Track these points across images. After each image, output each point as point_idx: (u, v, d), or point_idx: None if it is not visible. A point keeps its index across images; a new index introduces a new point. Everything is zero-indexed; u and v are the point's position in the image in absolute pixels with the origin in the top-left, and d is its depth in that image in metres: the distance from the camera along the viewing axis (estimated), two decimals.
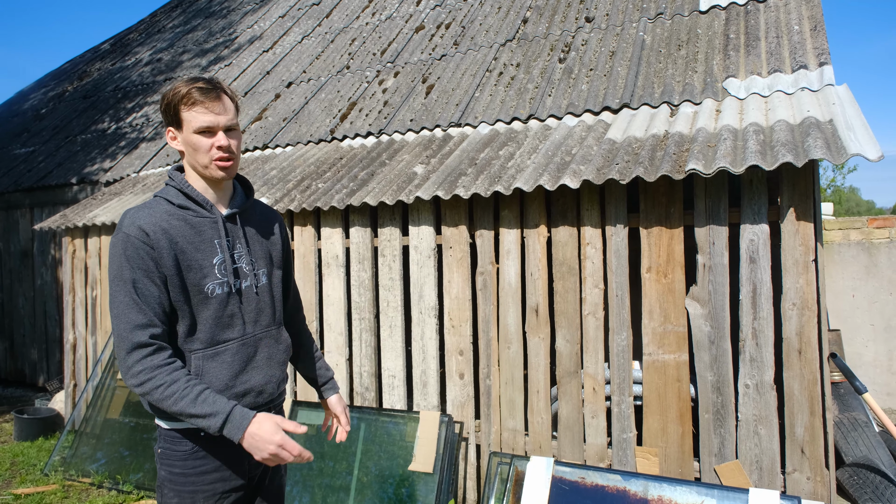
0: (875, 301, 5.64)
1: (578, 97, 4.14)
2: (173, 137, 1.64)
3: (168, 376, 1.49)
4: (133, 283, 1.51)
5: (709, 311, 2.97)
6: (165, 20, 11.02)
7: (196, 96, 1.56)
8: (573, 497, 2.91)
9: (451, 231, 3.58)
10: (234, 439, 1.48)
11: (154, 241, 1.53)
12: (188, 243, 1.59)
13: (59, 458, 4.41)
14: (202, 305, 1.60)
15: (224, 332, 1.63)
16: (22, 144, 8.35)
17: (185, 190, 1.64)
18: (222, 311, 1.62)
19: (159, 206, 1.60)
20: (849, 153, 2.58)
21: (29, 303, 6.98)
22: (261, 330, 1.71)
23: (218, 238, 1.65)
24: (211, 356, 1.61)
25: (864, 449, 3.53)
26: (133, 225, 1.54)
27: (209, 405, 1.48)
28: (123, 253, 1.52)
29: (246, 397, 1.65)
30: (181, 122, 1.59)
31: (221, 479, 1.63)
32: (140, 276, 1.51)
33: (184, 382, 1.49)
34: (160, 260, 1.53)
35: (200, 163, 1.61)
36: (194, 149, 1.60)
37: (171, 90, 1.60)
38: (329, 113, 5.41)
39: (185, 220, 1.61)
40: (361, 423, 3.63)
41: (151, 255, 1.52)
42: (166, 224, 1.57)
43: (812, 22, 3.95)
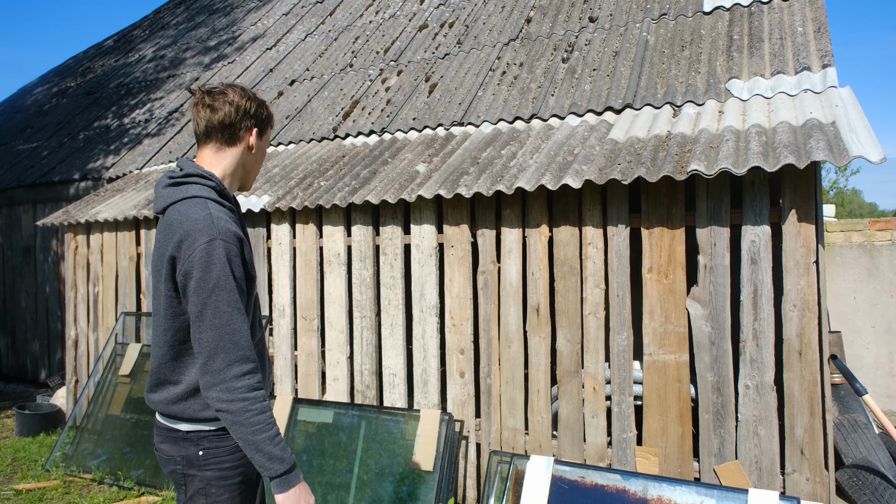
0: (876, 303, 5.63)
1: (581, 97, 4.14)
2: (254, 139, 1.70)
3: (261, 404, 1.49)
4: (240, 291, 1.51)
5: (709, 312, 2.97)
6: (169, 17, 11.03)
7: (273, 122, 1.77)
8: (573, 496, 2.92)
9: (452, 230, 3.59)
10: (279, 490, 1.49)
11: (245, 246, 1.57)
12: (247, 245, 1.64)
13: (60, 454, 4.42)
14: (253, 306, 1.67)
15: (258, 330, 1.71)
16: (25, 140, 8.37)
17: (225, 192, 1.66)
18: (256, 310, 1.71)
19: (221, 209, 1.58)
20: (851, 155, 2.58)
21: (31, 299, 7.00)
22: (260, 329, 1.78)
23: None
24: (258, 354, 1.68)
25: (864, 450, 3.54)
26: (228, 231, 1.52)
27: (282, 450, 1.50)
28: (226, 260, 1.49)
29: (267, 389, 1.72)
30: (266, 132, 1.73)
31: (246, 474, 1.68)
32: (239, 285, 1.52)
33: (269, 416, 1.50)
34: (249, 264, 1.59)
35: (257, 170, 1.75)
36: (261, 158, 1.74)
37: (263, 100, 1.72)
38: (332, 111, 5.42)
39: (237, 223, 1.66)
40: (362, 422, 3.64)
41: (244, 262, 1.56)
42: (236, 227, 1.58)
43: (816, 24, 3.95)
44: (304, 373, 4.08)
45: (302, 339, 4.09)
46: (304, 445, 3.69)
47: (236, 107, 1.63)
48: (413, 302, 3.72)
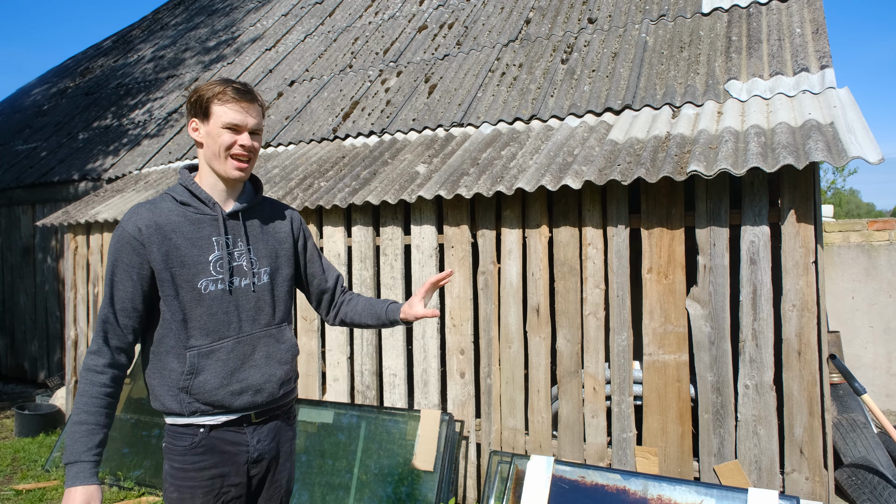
0: (874, 303, 5.65)
1: (581, 98, 4.15)
2: (195, 129, 1.66)
3: (84, 385, 1.57)
4: (112, 277, 1.59)
5: (709, 312, 2.98)
6: (168, 17, 11.03)
7: (231, 94, 1.61)
8: (573, 496, 2.93)
9: (452, 230, 3.60)
10: (65, 484, 1.54)
11: (145, 236, 1.58)
12: (184, 239, 1.61)
13: (59, 455, 4.42)
14: (195, 302, 1.61)
15: (219, 329, 1.64)
16: (24, 141, 8.37)
17: (189, 187, 1.67)
18: (216, 308, 1.63)
19: (163, 203, 1.65)
20: (849, 156, 2.60)
21: (30, 299, 6.99)
22: (259, 329, 1.70)
23: (217, 235, 1.66)
24: (206, 354, 1.62)
25: (863, 450, 3.55)
26: (129, 221, 1.60)
27: (72, 440, 1.54)
28: (115, 247, 1.60)
29: (243, 395, 1.65)
30: (210, 114, 1.62)
31: (220, 475, 1.64)
32: (121, 271, 1.59)
33: (84, 401, 1.56)
34: (149, 255, 1.59)
35: (218, 157, 1.63)
36: (216, 142, 1.62)
37: (206, 84, 1.65)
38: (331, 112, 5.43)
39: (185, 217, 1.64)
40: (362, 422, 3.65)
41: (139, 251, 1.58)
42: (163, 220, 1.61)
43: (814, 25, 3.97)
44: (305, 373, 4.08)
45: (302, 340, 4.10)
46: (304, 445, 3.70)
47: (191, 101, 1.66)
48: None
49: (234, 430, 1.66)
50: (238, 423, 1.66)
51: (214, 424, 1.63)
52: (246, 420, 1.67)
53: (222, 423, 1.64)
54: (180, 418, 1.62)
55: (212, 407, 1.62)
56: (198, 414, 1.62)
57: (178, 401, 1.61)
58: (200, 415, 1.62)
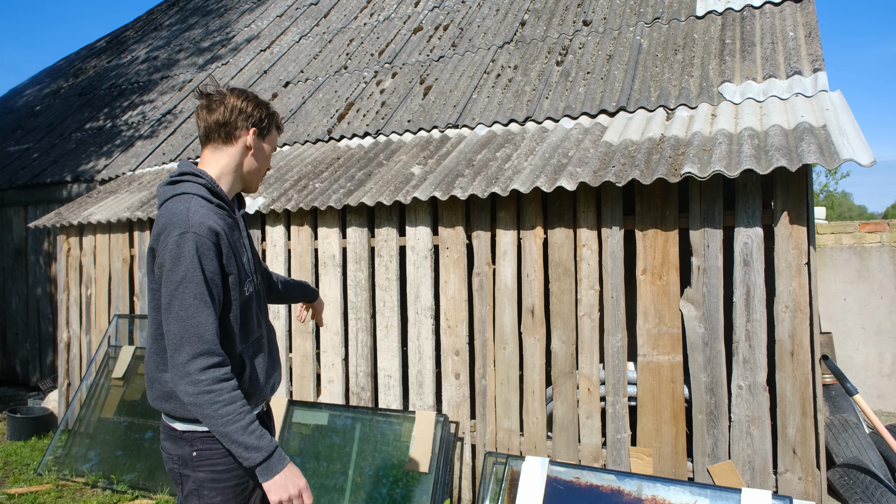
0: (866, 304, 5.69)
1: (575, 100, 4.16)
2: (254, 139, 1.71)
3: (228, 394, 1.49)
4: (207, 284, 1.51)
5: (703, 313, 3.00)
6: (162, 18, 10.99)
7: (281, 125, 1.81)
8: (568, 497, 2.93)
9: (447, 232, 3.60)
10: (263, 478, 1.50)
11: (222, 240, 1.57)
12: (232, 242, 1.64)
13: (52, 458, 4.39)
14: (245, 303, 1.66)
15: (256, 328, 1.71)
16: (16, 142, 8.32)
17: (215, 189, 1.67)
18: (254, 308, 1.71)
19: (206, 205, 1.60)
20: (842, 158, 2.62)
21: (22, 301, 6.94)
22: (267, 325, 1.82)
23: (243, 238, 1.72)
24: (253, 352, 1.69)
25: (855, 450, 3.57)
26: (203, 225, 1.53)
27: (258, 438, 1.50)
28: (196, 253, 1.51)
29: (274, 387, 1.77)
30: (269, 134, 1.75)
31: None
32: (209, 278, 1.53)
33: (239, 406, 1.50)
34: (226, 260, 1.58)
35: (260, 172, 1.76)
36: (265, 160, 1.76)
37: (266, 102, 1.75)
38: (326, 113, 5.42)
39: (225, 220, 1.65)
40: (357, 423, 3.64)
41: (219, 257, 1.56)
42: (221, 223, 1.60)
43: (807, 28, 4.00)
44: (299, 375, 4.07)
45: (297, 341, 4.09)
46: (298, 447, 3.69)
47: (231, 107, 1.66)
48: (408, 304, 3.72)
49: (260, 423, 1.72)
50: (259, 415, 1.75)
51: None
52: (261, 411, 1.77)
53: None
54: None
55: (255, 404, 1.69)
56: None
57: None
58: None
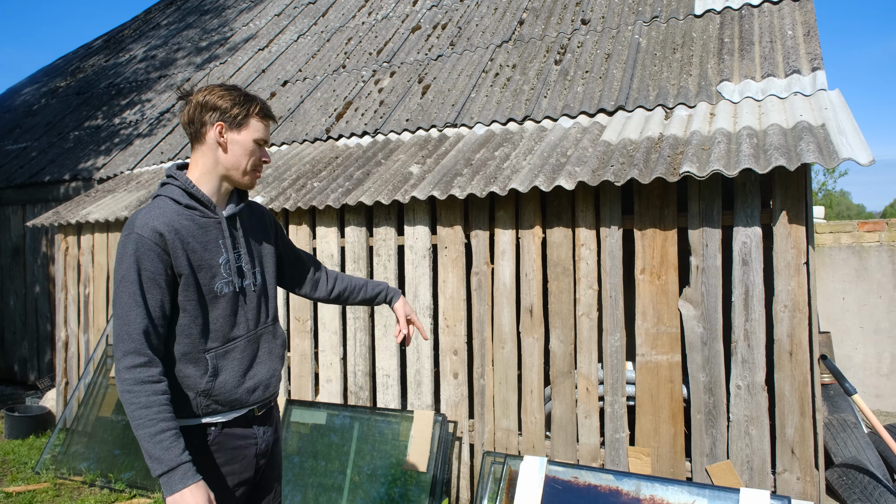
0: (865, 304, 5.69)
1: (574, 99, 4.16)
2: (221, 134, 1.65)
3: (146, 398, 1.48)
4: (141, 284, 1.53)
5: (701, 313, 2.99)
6: (159, 17, 10.97)
7: (267, 112, 1.71)
8: (566, 496, 2.93)
9: (446, 231, 3.60)
10: (165, 491, 1.47)
11: (169, 241, 1.56)
12: (198, 243, 1.62)
13: (50, 457, 4.38)
14: (213, 305, 1.65)
15: (232, 330, 1.69)
16: (14, 141, 8.30)
17: (189, 190, 1.65)
18: (230, 309, 1.68)
19: (168, 206, 1.61)
20: (840, 157, 2.61)
21: (20, 300, 6.93)
22: (261, 327, 1.78)
23: (222, 238, 1.69)
24: (223, 354, 1.66)
25: (853, 450, 3.57)
26: (146, 226, 1.54)
27: (163, 449, 1.46)
28: (135, 254, 1.53)
29: (255, 392, 1.71)
30: (245, 126, 1.66)
31: (231, 472, 1.67)
32: (148, 279, 1.53)
33: (154, 412, 1.48)
34: (175, 260, 1.57)
35: (240, 167, 1.69)
36: (246, 153, 1.68)
37: (242, 92, 1.68)
38: (325, 112, 5.41)
39: (193, 220, 1.63)
40: (355, 423, 3.64)
41: (162, 258, 1.55)
42: (178, 224, 1.59)
43: (805, 27, 3.99)
44: (298, 374, 4.07)
45: (295, 341, 4.08)
46: (296, 447, 3.68)
47: (195, 104, 1.65)
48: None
49: (242, 425, 1.71)
50: (245, 418, 1.72)
51: (226, 422, 1.67)
52: (251, 414, 1.74)
53: (232, 420, 1.68)
54: (192, 420, 1.63)
55: (229, 406, 1.66)
56: (211, 414, 1.65)
57: (195, 404, 1.62)
58: (213, 414, 1.65)
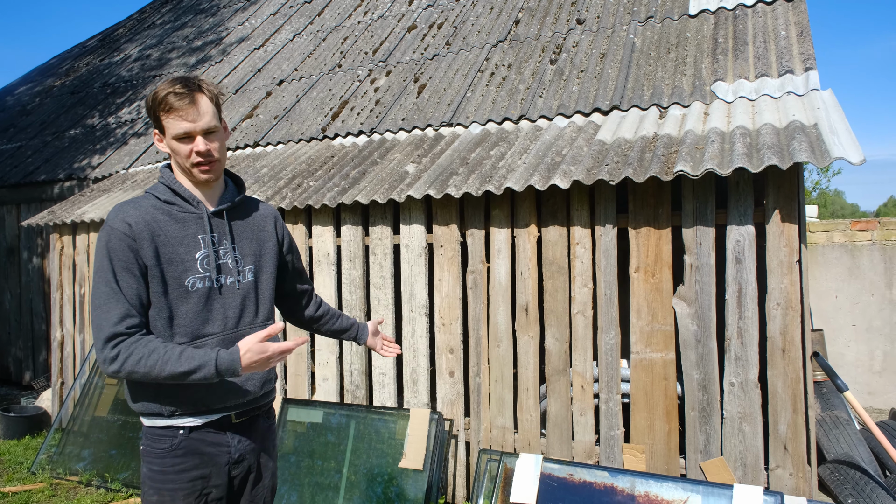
0: (857, 302, 5.73)
1: (569, 98, 4.18)
2: (160, 140, 1.67)
3: (145, 347, 1.50)
4: (114, 273, 1.55)
5: (695, 311, 3.02)
6: (154, 17, 10.95)
7: (172, 102, 1.56)
8: (561, 493, 2.95)
9: (442, 230, 3.61)
10: (237, 373, 1.52)
11: (136, 232, 1.57)
12: (171, 237, 1.62)
13: (46, 457, 4.38)
14: (182, 299, 1.61)
15: (204, 326, 1.64)
16: (8, 140, 8.27)
17: (172, 186, 1.67)
18: (202, 305, 1.64)
19: (146, 201, 1.65)
20: (832, 156, 2.64)
21: (15, 300, 6.91)
22: (244, 327, 1.70)
23: (202, 234, 1.66)
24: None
25: (846, 446, 3.61)
26: (117, 218, 1.58)
27: (195, 359, 1.50)
28: (106, 245, 1.56)
29: (227, 396, 1.65)
30: (163, 127, 1.63)
31: (201, 476, 1.63)
32: (120, 268, 1.55)
33: (162, 348, 1.51)
34: (140, 251, 1.57)
35: (183, 166, 1.66)
36: (175, 153, 1.64)
37: (151, 94, 1.62)
38: (321, 111, 5.42)
39: (170, 215, 1.64)
40: (351, 421, 3.65)
41: (132, 248, 1.56)
42: (150, 217, 1.61)
43: (798, 28, 4.02)
44: (294, 373, 4.07)
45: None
46: (293, 446, 3.69)
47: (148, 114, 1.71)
48: (402, 302, 3.73)
49: (215, 431, 1.65)
50: (219, 423, 1.65)
51: (195, 426, 1.62)
52: (227, 420, 1.67)
53: (203, 424, 1.63)
54: (159, 419, 1.61)
55: (193, 407, 1.61)
56: (178, 415, 1.60)
57: (159, 401, 1.59)
58: (181, 416, 1.60)
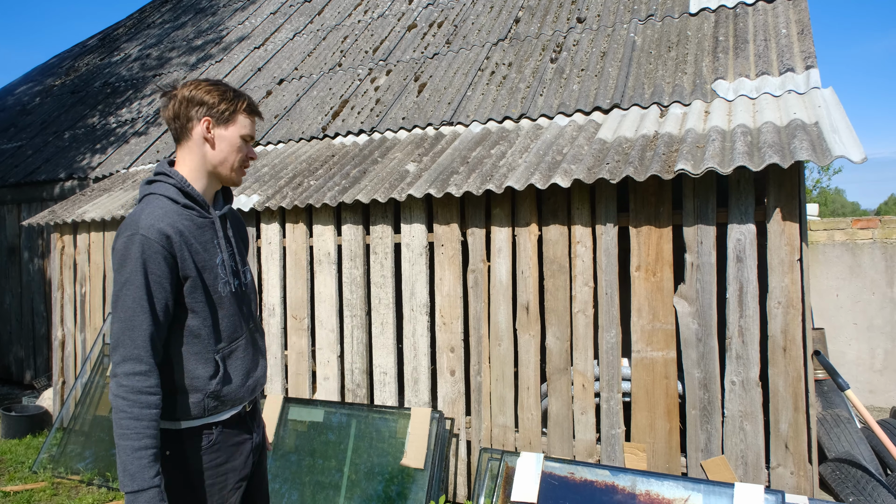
0: (858, 300, 5.73)
1: (570, 97, 4.17)
2: (209, 129, 1.63)
3: (139, 410, 1.46)
4: (148, 288, 1.49)
5: (696, 310, 3.01)
6: (154, 16, 10.94)
7: (254, 107, 1.70)
8: (562, 492, 2.95)
9: (442, 229, 3.61)
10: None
11: (175, 244, 1.53)
12: (199, 243, 1.61)
13: (47, 456, 4.38)
14: (217, 305, 1.64)
15: (235, 330, 1.68)
16: (8, 140, 8.27)
17: (185, 189, 1.63)
18: (231, 309, 1.67)
19: (167, 206, 1.58)
20: (833, 155, 2.64)
21: (16, 300, 6.91)
22: (253, 325, 1.79)
23: (216, 238, 1.67)
24: (229, 354, 1.66)
25: (846, 444, 3.61)
26: (152, 227, 1.51)
27: (142, 468, 1.44)
28: (141, 256, 1.49)
29: (255, 389, 1.74)
30: (233, 121, 1.64)
31: (233, 469, 1.68)
32: (155, 282, 1.50)
33: (143, 426, 1.46)
34: (182, 263, 1.54)
35: (228, 163, 1.67)
36: (233, 150, 1.66)
37: (228, 87, 1.66)
38: (321, 110, 5.42)
39: (192, 221, 1.61)
40: (352, 420, 3.65)
41: (169, 261, 1.52)
42: (180, 225, 1.56)
43: (799, 25, 4.02)
44: (295, 372, 4.08)
45: (292, 339, 4.09)
46: (294, 445, 3.69)
47: (180, 99, 1.61)
48: (403, 301, 3.73)
49: (238, 422, 1.71)
50: (239, 414, 1.72)
51: (225, 420, 1.67)
52: (244, 411, 1.74)
53: (229, 418, 1.68)
54: (195, 421, 1.61)
55: (231, 405, 1.66)
56: (214, 414, 1.64)
57: (203, 406, 1.60)
58: (215, 414, 1.64)
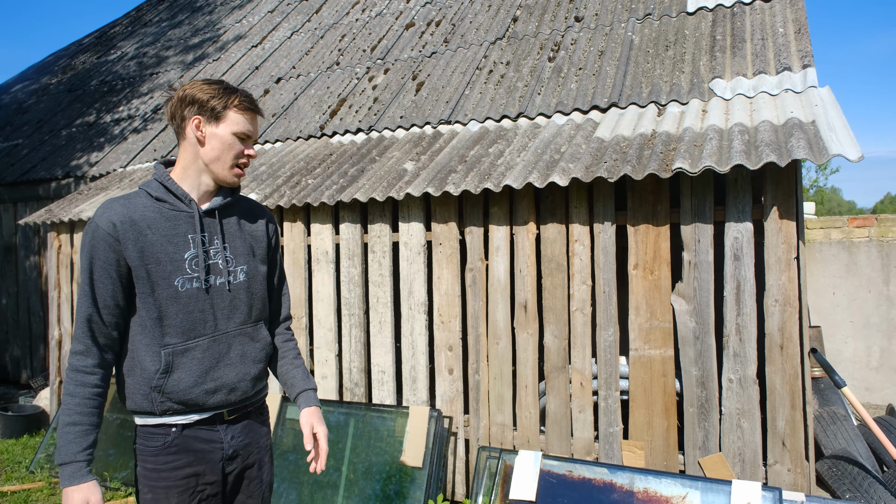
0: (855, 298, 5.75)
1: (567, 96, 4.18)
2: (198, 127, 1.63)
3: (73, 387, 1.55)
4: (91, 274, 1.56)
5: (694, 308, 3.02)
6: (150, 15, 10.91)
7: (248, 104, 1.66)
8: (561, 490, 2.96)
9: (440, 228, 3.61)
10: (61, 483, 1.54)
11: (120, 232, 1.56)
12: (160, 236, 1.60)
13: (44, 456, 4.37)
14: (171, 300, 1.61)
15: (195, 327, 1.63)
16: (5, 138, 8.24)
17: (164, 183, 1.65)
18: (192, 306, 1.63)
19: (137, 199, 1.63)
20: (830, 153, 2.65)
21: (12, 299, 6.90)
22: (234, 327, 1.70)
23: (192, 233, 1.65)
24: (181, 352, 1.62)
25: (843, 442, 3.62)
26: (102, 216, 1.57)
27: (67, 442, 1.52)
28: (90, 243, 1.57)
29: (217, 394, 1.65)
30: (223, 118, 1.63)
31: (195, 473, 1.63)
32: (99, 268, 1.56)
33: (76, 403, 1.54)
34: (124, 252, 1.57)
35: (221, 161, 1.66)
36: (225, 147, 1.65)
37: (224, 85, 1.65)
38: (319, 109, 5.41)
39: (161, 213, 1.62)
40: (350, 419, 3.65)
41: (115, 247, 1.56)
42: (138, 216, 1.59)
43: (796, 25, 4.03)
44: None
45: None
46: (292, 444, 3.69)
47: (176, 99, 1.64)
48: (401, 299, 3.73)
49: (207, 428, 1.66)
50: (211, 421, 1.67)
51: (187, 423, 1.63)
52: (219, 418, 1.68)
53: (195, 422, 1.64)
54: (151, 418, 1.62)
55: (185, 406, 1.62)
56: (170, 413, 1.61)
57: (150, 400, 1.60)
58: (172, 414, 1.61)
